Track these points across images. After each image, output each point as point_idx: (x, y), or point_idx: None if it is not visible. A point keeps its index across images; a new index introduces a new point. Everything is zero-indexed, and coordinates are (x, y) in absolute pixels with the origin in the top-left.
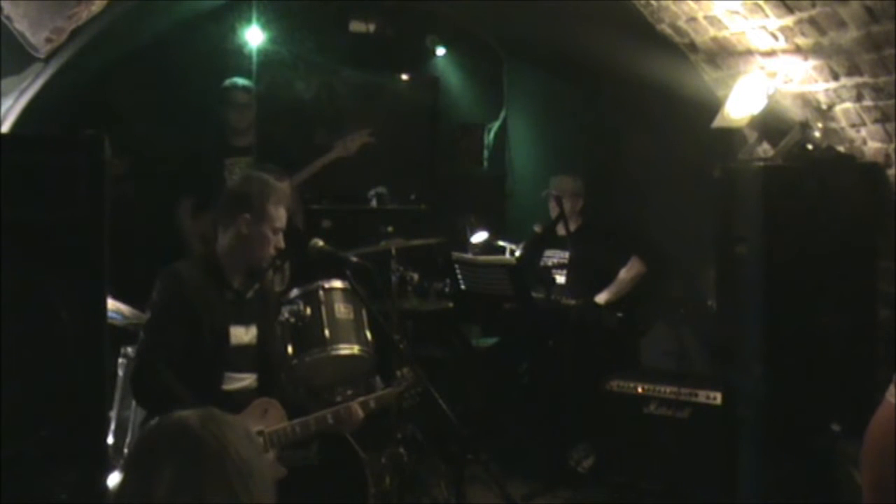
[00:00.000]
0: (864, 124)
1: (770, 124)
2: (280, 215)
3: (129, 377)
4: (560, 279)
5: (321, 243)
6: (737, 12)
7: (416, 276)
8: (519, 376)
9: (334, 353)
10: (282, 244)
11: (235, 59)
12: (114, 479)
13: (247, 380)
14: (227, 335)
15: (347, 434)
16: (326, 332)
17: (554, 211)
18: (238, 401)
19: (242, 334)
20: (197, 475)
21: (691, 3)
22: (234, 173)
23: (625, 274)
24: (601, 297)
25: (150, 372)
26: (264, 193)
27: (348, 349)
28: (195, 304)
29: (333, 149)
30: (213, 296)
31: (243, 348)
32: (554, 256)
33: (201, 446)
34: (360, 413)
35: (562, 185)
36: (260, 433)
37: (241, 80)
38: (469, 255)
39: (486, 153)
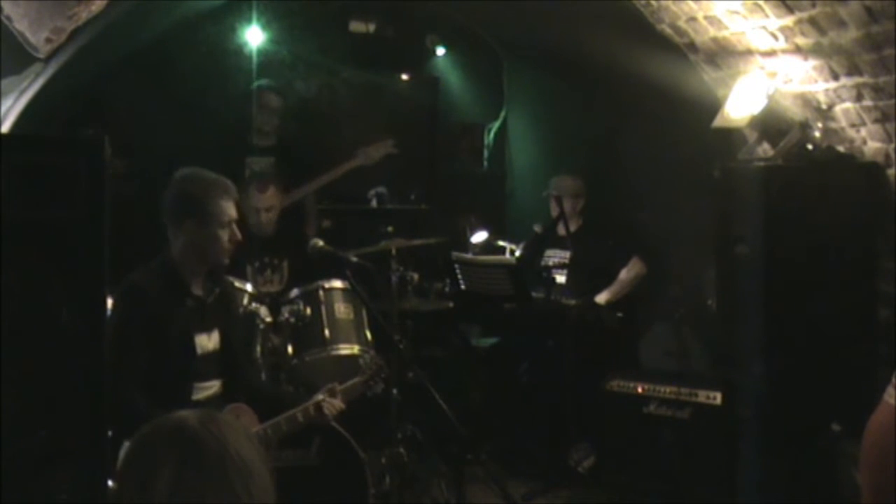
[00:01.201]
0: (864, 124)
1: (770, 124)
2: (226, 208)
3: None
4: (560, 279)
5: (321, 243)
6: (737, 12)
7: (416, 276)
8: (519, 376)
9: (334, 353)
10: (238, 236)
11: (235, 59)
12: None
13: (213, 387)
14: (193, 345)
15: (345, 432)
16: (326, 332)
17: (554, 211)
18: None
19: (206, 341)
20: (197, 476)
21: (691, 3)
22: (254, 172)
23: (625, 274)
24: (601, 298)
25: (119, 393)
26: (206, 191)
27: (348, 349)
28: (157, 316)
29: (355, 157)
30: (174, 305)
31: (209, 356)
32: (554, 256)
33: (201, 446)
34: (333, 408)
35: (562, 185)
36: None
37: (271, 83)
38: (469, 255)
39: (486, 153)
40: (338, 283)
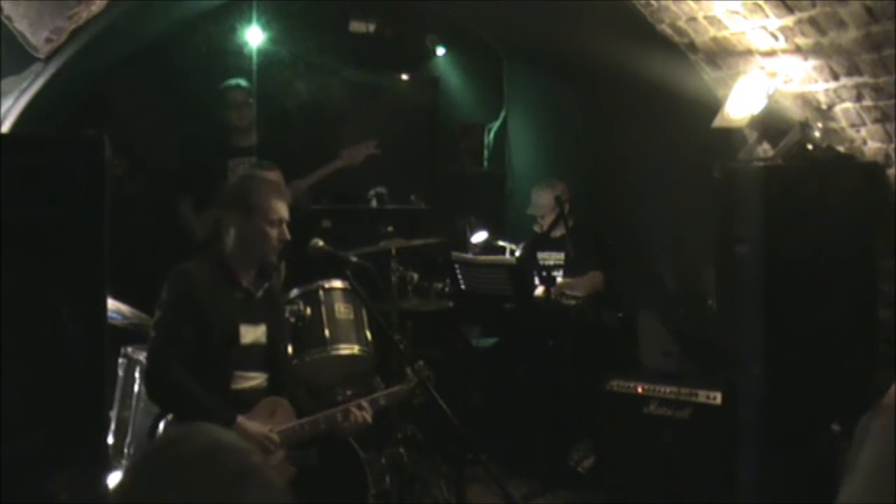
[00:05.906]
0: (864, 124)
1: (770, 124)
2: (277, 207)
3: (143, 375)
4: (560, 280)
5: (321, 243)
6: (737, 12)
7: (415, 276)
8: (519, 376)
9: (334, 353)
10: (287, 235)
11: (235, 59)
12: (114, 479)
13: (256, 379)
14: (237, 334)
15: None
16: (326, 332)
17: (550, 214)
18: (247, 400)
19: (252, 333)
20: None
21: (691, 3)
22: (236, 174)
23: (587, 279)
24: (562, 282)
25: (163, 369)
26: (257, 189)
27: (348, 349)
28: (204, 303)
29: (339, 157)
30: (222, 295)
31: (253, 347)
32: (549, 259)
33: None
34: (370, 411)
35: (541, 200)
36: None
37: (235, 80)
38: (469, 255)
39: (486, 153)
40: (338, 283)
